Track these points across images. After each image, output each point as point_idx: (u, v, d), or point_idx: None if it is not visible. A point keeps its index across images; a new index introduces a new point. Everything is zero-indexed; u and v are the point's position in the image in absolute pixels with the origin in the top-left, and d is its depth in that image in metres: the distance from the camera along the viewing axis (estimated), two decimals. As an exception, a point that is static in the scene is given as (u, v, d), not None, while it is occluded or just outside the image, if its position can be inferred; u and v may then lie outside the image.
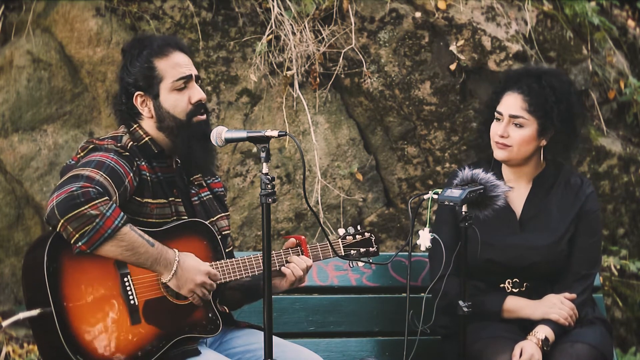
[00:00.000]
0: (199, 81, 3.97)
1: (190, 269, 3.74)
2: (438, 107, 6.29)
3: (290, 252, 4.01)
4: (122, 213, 3.62)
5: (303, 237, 4.06)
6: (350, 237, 4.16)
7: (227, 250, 4.02)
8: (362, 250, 4.16)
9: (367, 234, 4.19)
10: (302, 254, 4.01)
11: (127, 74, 3.90)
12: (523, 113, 4.30)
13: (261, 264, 3.89)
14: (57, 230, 3.58)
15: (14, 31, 6.11)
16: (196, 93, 3.91)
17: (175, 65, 3.90)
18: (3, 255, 6.04)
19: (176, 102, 3.88)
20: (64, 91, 6.08)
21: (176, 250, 3.74)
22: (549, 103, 4.30)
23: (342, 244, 4.14)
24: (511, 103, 4.33)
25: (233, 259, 3.92)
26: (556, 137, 4.35)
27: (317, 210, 6.08)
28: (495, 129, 4.36)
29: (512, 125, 4.32)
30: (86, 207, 3.55)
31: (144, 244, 3.66)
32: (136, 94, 3.90)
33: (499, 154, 4.36)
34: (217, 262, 3.87)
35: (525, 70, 4.52)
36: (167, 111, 3.88)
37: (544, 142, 4.36)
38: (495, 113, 4.37)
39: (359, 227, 4.19)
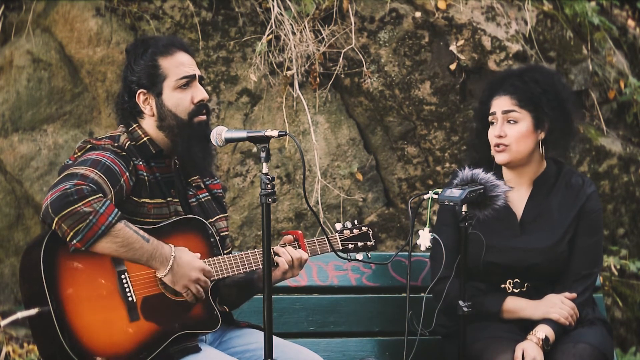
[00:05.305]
0: (202, 82, 3.98)
1: (185, 265, 3.74)
2: (438, 107, 6.29)
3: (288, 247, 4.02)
4: (116, 209, 3.62)
5: (300, 232, 4.06)
6: (348, 232, 4.16)
7: (225, 251, 4.02)
8: (359, 244, 4.16)
9: (364, 228, 4.19)
10: (300, 249, 4.02)
11: (131, 72, 3.91)
12: (514, 107, 4.32)
13: (257, 259, 3.90)
14: (53, 228, 3.58)
15: (14, 31, 6.11)
16: (199, 93, 3.92)
17: (179, 64, 3.91)
18: (3, 255, 6.04)
19: (179, 101, 3.89)
20: (64, 91, 6.08)
21: (172, 246, 3.74)
22: (536, 95, 4.32)
23: (340, 238, 4.14)
24: (501, 103, 4.36)
25: (230, 255, 3.92)
26: (552, 126, 4.36)
27: (317, 210, 6.08)
28: (492, 132, 4.37)
29: (507, 123, 4.34)
30: (79, 204, 3.55)
31: (139, 240, 3.66)
32: (139, 91, 3.90)
33: (499, 157, 4.36)
34: (214, 258, 3.87)
35: (506, 73, 4.55)
36: (169, 109, 3.89)
37: (542, 135, 4.36)
38: (489, 117, 4.38)
39: (356, 222, 4.19)
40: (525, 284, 4.38)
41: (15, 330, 5.92)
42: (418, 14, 6.27)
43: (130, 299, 3.71)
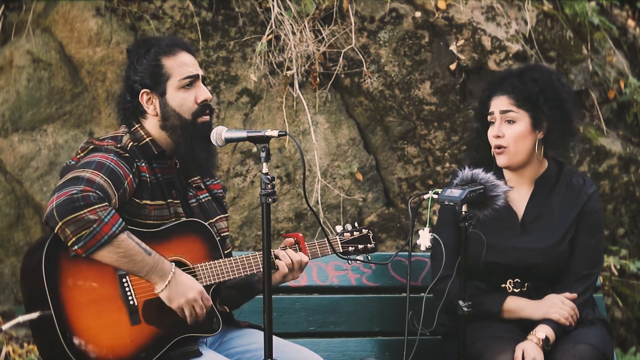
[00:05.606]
0: (205, 82, 3.98)
1: (184, 284, 3.73)
2: (438, 107, 6.29)
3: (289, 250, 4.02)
4: (120, 220, 3.62)
5: (300, 234, 4.06)
6: (348, 234, 4.16)
7: (225, 251, 4.02)
8: (360, 246, 4.16)
9: (364, 231, 4.19)
10: (300, 252, 4.02)
11: (134, 72, 3.91)
12: (512, 107, 4.32)
13: (257, 262, 3.90)
14: (55, 232, 3.58)
15: (14, 31, 6.11)
16: (202, 93, 3.92)
17: (182, 64, 3.91)
18: (3, 255, 6.04)
19: (183, 101, 3.89)
20: (64, 91, 6.08)
21: (173, 264, 3.74)
22: (533, 94, 4.33)
23: (340, 240, 4.14)
24: (500, 103, 4.36)
25: (231, 258, 3.92)
26: (551, 126, 4.36)
27: (317, 210, 6.08)
28: (491, 132, 4.37)
29: (505, 124, 4.34)
30: (85, 211, 3.54)
31: (141, 252, 3.65)
32: (142, 91, 3.90)
33: (499, 160, 4.37)
34: (214, 261, 3.87)
35: (505, 73, 4.56)
36: (172, 109, 3.89)
37: (540, 135, 4.37)
38: (488, 117, 4.38)
39: (356, 224, 4.19)
40: (526, 284, 4.38)
41: (15, 330, 5.92)
42: (418, 14, 6.27)
43: (131, 302, 3.71)
